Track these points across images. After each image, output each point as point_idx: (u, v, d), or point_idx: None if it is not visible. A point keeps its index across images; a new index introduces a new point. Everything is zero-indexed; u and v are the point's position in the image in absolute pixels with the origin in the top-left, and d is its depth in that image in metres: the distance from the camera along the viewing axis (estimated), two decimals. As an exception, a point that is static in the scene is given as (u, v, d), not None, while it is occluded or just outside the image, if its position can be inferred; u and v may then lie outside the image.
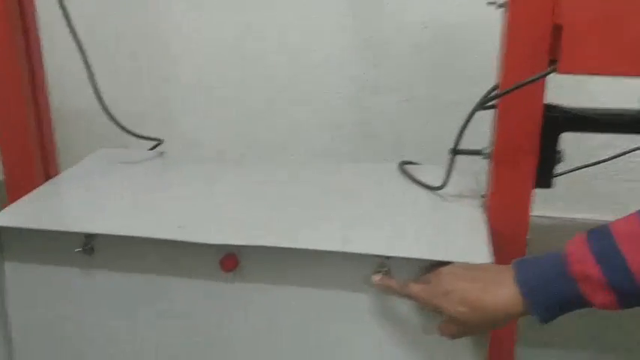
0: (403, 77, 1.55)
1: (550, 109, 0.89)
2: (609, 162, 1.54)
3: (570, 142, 0.95)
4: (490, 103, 0.90)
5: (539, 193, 0.96)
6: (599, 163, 1.24)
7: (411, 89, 1.55)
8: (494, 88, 0.90)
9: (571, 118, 0.89)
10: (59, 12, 1.05)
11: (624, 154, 1.13)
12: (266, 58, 1.60)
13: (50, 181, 1.11)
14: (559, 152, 0.92)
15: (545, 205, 1.57)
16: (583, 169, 1.53)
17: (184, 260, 0.91)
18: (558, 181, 1.37)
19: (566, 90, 0.92)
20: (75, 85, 1.60)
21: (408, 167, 1.14)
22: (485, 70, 1.36)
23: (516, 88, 0.83)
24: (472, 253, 0.83)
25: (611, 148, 1.50)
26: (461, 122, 0.92)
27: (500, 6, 0.88)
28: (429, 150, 1.53)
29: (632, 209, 0.70)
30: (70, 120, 1.69)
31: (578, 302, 0.70)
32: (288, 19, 1.55)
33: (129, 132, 1.18)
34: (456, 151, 0.96)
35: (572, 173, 1.53)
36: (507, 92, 0.84)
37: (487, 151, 0.94)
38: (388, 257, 0.85)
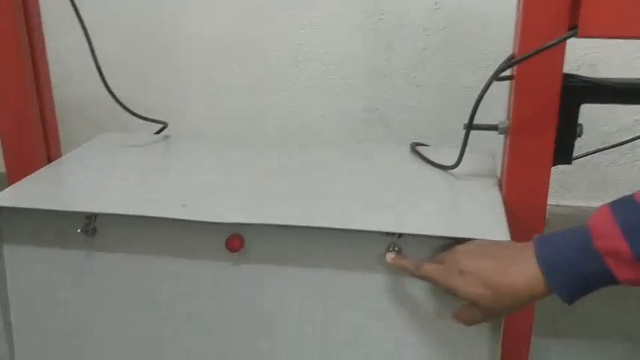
0: (414, 61, 1.51)
1: (569, 78, 0.85)
2: (626, 149, 1.50)
3: (586, 129, 0.91)
4: (507, 74, 0.87)
5: (553, 181, 0.91)
6: (619, 145, 1.20)
7: (422, 73, 1.52)
8: (510, 58, 0.86)
9: (591, 87, 0.85)
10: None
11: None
12: (273, 44, 1.56)
13: (52, 163, 1.08)
14: (579, 125, 0.88)
15: (560, 194, 1.53)
16: (599, 157, 1.50)
17: (189, 241, 0.88)
18: (573, 169, 1.33)
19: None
20: (80, 75, 1.58)
21: (420, 148, 1.10)
22: (499, 52, 1.32)
23: (536, 53, 0.79)
24: (488, 230, 0.79)
25: (630, 134, 1.46)
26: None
27: (517, -29, 0.84)
28: (441, 134, 1.50)
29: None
30: (74, 110, 1.66)
31: (603, 279, 0.66)
32: (296, 4, 1.52)
33: (134, 114, 1.15)
34: (470, 126, 0.92)
35: (588, 161, 1.49)
36: (527, 57, 0.80)
37: (504, 125, 0.90)
38: (400, 235, 0.81)
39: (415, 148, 1.10)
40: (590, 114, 0.90)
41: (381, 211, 0.87)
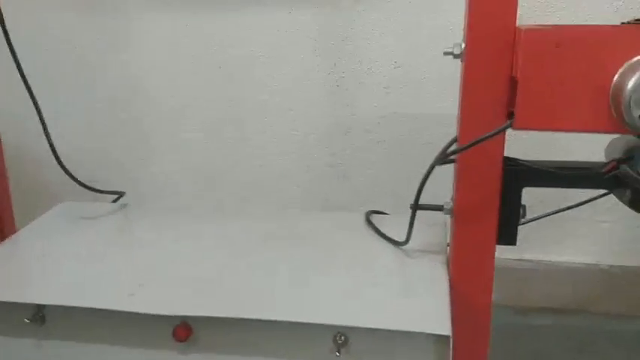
0: (375, 118, 1.53)
1: (510, 162, 0.86)
2: (586, 205, 1.52)
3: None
4: (449, 158, 0.88)
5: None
6: (574, 207, 1.21)
7: (384, 129, 1.53)
8: (452, 141, 0.88)
9: (531, 172, 0.86)
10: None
11: (594, 199, 1.10)
12: (237, 100, 1.57)
13: (4, 242, 1.08)
14: (522, 206, 0.89)
15: (523, 248, 1.54)
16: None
17: (137, 329, 0.88)
18: (535, 224, 1.34)
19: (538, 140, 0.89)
20: (34, 136, 1.57)
21: (376, 217, 1.11)
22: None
23: (473, 144, 0.80)
24: (430, 325, 0.79)
25: (588, 193, 1.47)
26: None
27: (457, 56, 0.86)
28: (403, 189, 1.51)
29: (613, 250, 0.67)
30: (28, 171, 1.65)
31: None
32: (260, 61, 1.53)
33: (88, 188, 1.15)
34: (416, 207, 0.93)
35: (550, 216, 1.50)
36: (465, 149, 0.81)
37: (449, 206, 0.91)
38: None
39: (369, 218, 1.10)
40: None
41: (327, 300, 0.87)
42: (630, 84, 0.69)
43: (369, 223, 1.09)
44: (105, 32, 1.57)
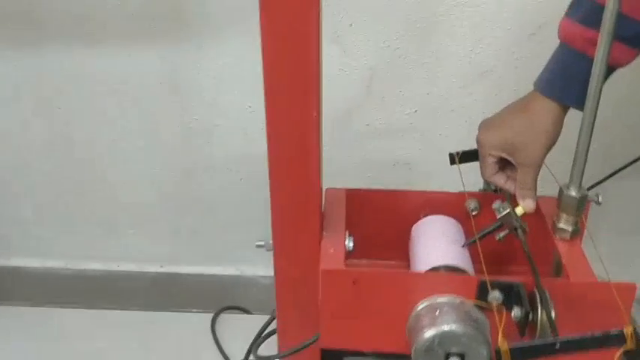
0: (235, 157, 1.49)
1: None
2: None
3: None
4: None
5: None
6: None
7: (243, 168, 1.51)
8: (270, 320, 0.90)
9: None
10: None
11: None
12: (86, 143, 1.49)
13: None
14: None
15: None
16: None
17: None
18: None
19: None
20: None
21: (224, 320, 1.14)
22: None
23: (291, 354, 0.83)
24: None
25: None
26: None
27: (269, 249, 0.86)
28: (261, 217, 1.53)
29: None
30: None
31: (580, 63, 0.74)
32: (106, 102, 1.44)
33: None
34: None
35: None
36: (283, 356, 0.84)
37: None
38: None
39: (214, 329, 1.13)
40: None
41: None
42: (425, 336, 0.71)
43: (214, 334, 1.12)
44: None
